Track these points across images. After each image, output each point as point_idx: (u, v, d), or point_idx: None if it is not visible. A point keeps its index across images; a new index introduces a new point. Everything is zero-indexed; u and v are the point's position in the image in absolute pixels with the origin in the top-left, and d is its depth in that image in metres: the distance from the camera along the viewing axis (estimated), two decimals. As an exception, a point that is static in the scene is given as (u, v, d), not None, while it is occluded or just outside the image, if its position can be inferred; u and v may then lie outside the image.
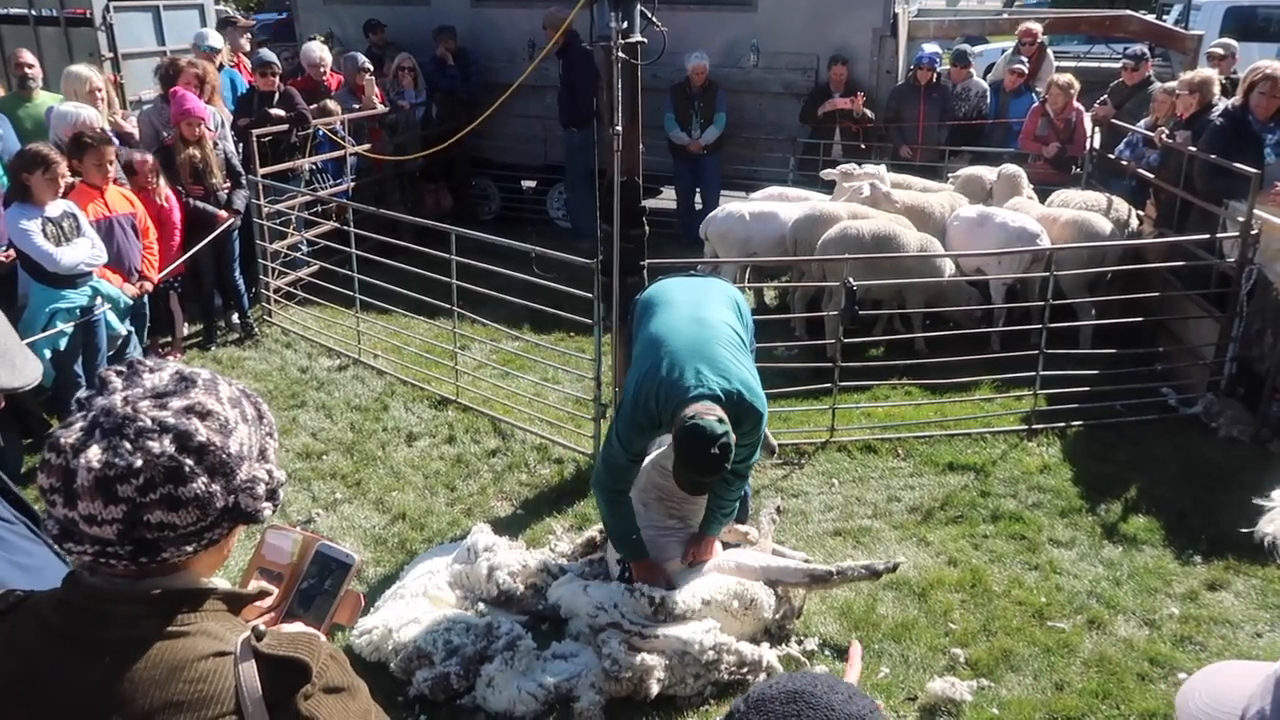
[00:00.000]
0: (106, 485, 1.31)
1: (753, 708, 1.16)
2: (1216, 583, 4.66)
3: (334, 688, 1.41)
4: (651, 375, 3.79)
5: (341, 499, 5.43)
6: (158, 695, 1.31)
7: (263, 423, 1.49)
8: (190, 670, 1.33)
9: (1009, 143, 9.48)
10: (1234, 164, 6.13)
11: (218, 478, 1.37)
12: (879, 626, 4.35)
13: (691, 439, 3.54)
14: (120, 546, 1.33)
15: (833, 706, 1.13)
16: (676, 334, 3.90)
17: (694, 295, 4.19)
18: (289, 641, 1.41)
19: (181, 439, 1.34)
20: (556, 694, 3.88)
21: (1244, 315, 6.10)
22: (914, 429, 6.14)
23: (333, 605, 1.60)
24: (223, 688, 1.33)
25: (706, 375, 3.73)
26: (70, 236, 5.77)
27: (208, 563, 1.46)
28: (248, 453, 1.42)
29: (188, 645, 1.35)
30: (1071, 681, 4.03)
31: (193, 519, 1.36)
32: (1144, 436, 6.04)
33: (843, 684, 1.18)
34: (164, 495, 1.33)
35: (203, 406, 1.38)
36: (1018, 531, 5.08)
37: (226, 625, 1.41)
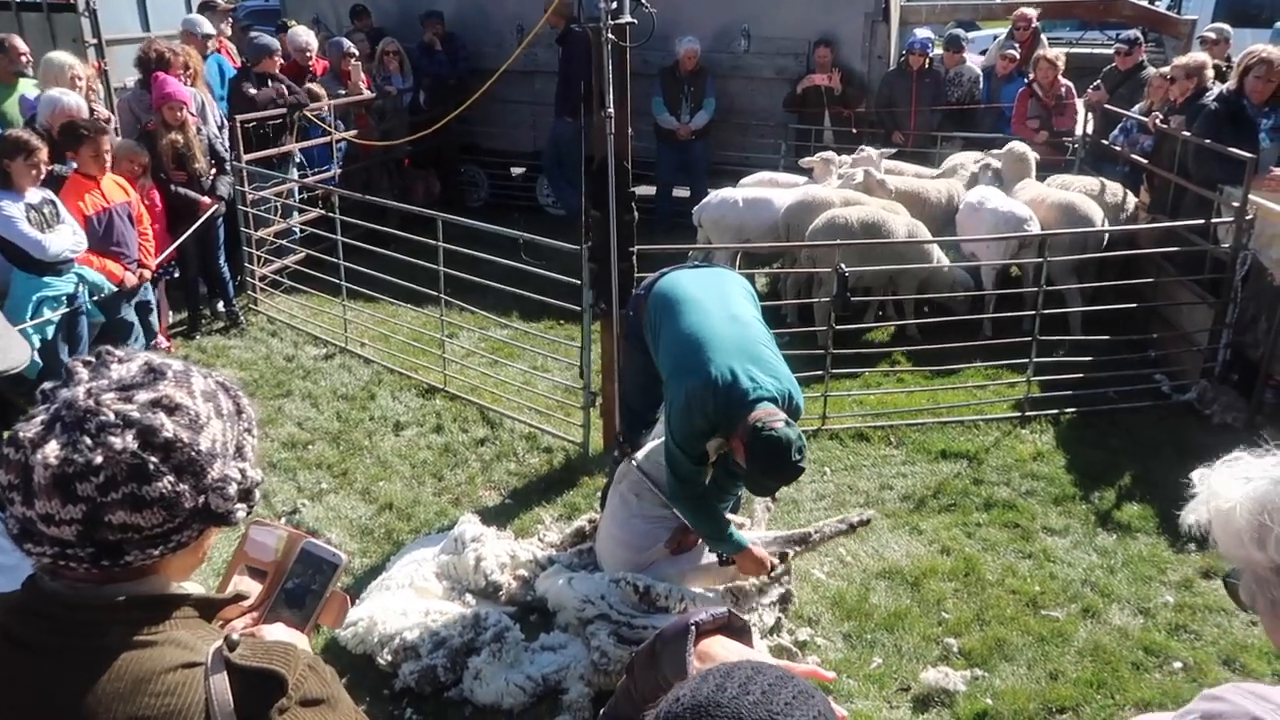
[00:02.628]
0: (64, 483, 1.23)
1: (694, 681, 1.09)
2: (1211, 570, 4.62)
3: (312, 700, 1.33)
4: (702, 381, 3.62)
5: (327, 489, 5.36)
6: (121, 710, 1.23)
7: (241, 418, 1.40)
8: (157, 683, 1.25)
9: (1001, 128, 9.42)
10: (1229, 149, 6.08)
11: (186, 476, 1.28)
12: (872, 616, 4.31)
13: (771, 451, 3.43)
14: (80, 549, 1.25)
15: (740, 713, 1.03)
16: (717, 335, 3.74)
17: (717, 290, 4.01)
18: (263, 652, 1.33)
19: (146, 435, 1.26)
20: (545, 686, 3.82)
21: (1238, 301, 6.06)
22: (906, 416, 6.09)
23: (318, 606, 1.52)
24: (191, 702, 1.25)
25: (760, 377, 3.61)
26: (52, 224, 5.67)
27: (180, 566, 1.38)
28: (221, 450, 1.33)
29: (155, 656, 1.27)
30: (1066, 671, 3.99)
31: (158, 520, 1.27)
32: (1138, 423, 6.00)
33: (765, 678, 1.07)
34: (126, 495, 1.24)
35: (170, 400, 1.29)
36: (1011, 520, 5.04)
37: (198, 634, 1.33)
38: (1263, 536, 1.17)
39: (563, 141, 9.67)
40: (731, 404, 3.56)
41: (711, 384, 3.59)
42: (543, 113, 10.25)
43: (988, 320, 6.99)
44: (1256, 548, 1.17)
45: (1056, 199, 7.13)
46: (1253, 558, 1.18)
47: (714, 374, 3.60)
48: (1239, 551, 1.20)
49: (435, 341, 6.81)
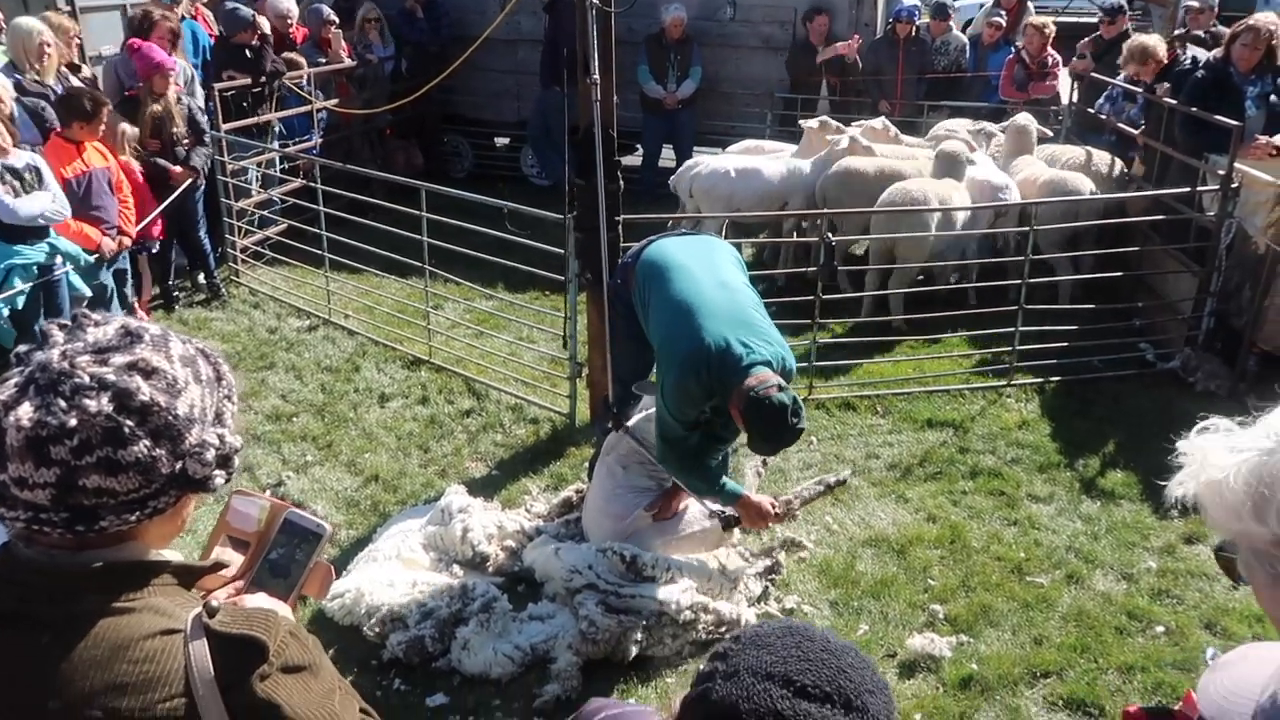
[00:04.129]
0: (38, 446, 1.20)
1: (750, 643, 1.13)
2: (1194, 536, 4.66)
3: (294, 667, 1.31)
4: (696, 348, 3.62)
5: (312, 461, 5.32)
6: (99, 677, 1.22)
7: (220, 384, 1.38)
8: (135, 650, 1.24)
9: (988, 97, 9.40)
10: (1215, 117, 6.07)
11: (162, 441, 1.26)
12: (858, 584, 4.33)
13: (767, 416, 3.44)
14: (54, 513, 1.23)
15: (828, 639, 1.14)
16: (708, 301, 3.73)
17: (705, 258, 3.99)
18: (244, 619, 1.31)
19: (121, 397, 1.23)
20: (533, 655, 3.83)
21: (1222, 269, 6.08)
22: (892, 386, 6.09)
23: (302, 576, 1.50)
24: (171, 669, 1.24)
25: (753, 343, 3.61)
26: (32, 188, 5.57)
27: (159, 533, 1.36)
28: (199, 415, 1.31)
29: (133, 623, 1.26)
30: (1050, 636, 4.02)
31: (134, 485, 1.25)
32: (1122, 392, 6.03)
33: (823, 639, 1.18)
34: (101, 459, 1.22)
35: (147, 364, 1.27)
36: (996, 487, 5.06)
37: (177, 601, 1.31)
38: (1262, 509, 1.13)
39: (550, 111, 9.55)
40: (726, 370, 3.56)
41: (705, 351, 3.59)
42: (527, 82, 10.13)
43: (972, 289, 7.00)
44: (1255, 521, 1.14)
45: (1048, 178, 7.07)
46: (1251, 531, 1.15)
47: (707, 341, 3.60)
48: (1235, 525, 1.17)
49: (420, 313, 6.75)
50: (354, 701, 1.43)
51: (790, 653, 1.11)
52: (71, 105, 6.02)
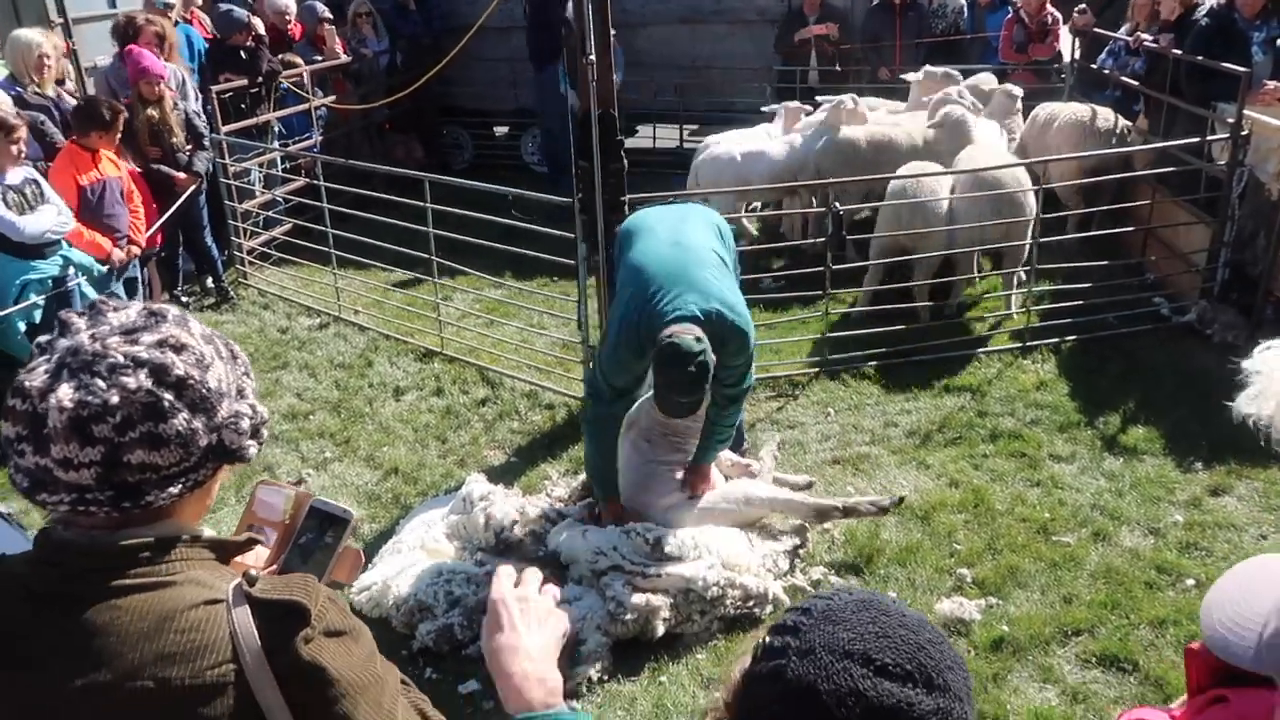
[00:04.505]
0: (81, 425, 1.21)
1: (823, 617, 1.09)
2: (1219, 488, 4.63)
3: (335, 631, 1.32)
4: (633, 303, 3.73)
5: (331, 457, 5.33)
6: (148, 648, 1.23)
7: (237, 362, 1.40)
8: (180, 620, 1.25)
9: (988, 59, 9.30)
10: (1221, 64, 5.99)
11: (199, 413, 1.29)
12: (883, 552, 4.31)
13: (668, 358, 3.51)
14: (100, 492, 1.25)
15: (904, 612, 1.10)
16: (656, 259, 3.85)
17: (674, 222, 4.11)
18: (284, 585, 1.33)
19: (158, 373, 1.25)
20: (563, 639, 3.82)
21: (1235, 219, 6.02)
22: (908, 353, 6.05)
23: (331, 560, 1.51)
24: (217, 636, 1.26)
25: (685, 297, 3.67)
26: (34, 204, 5.57)
27: (193, 510, 1.38)
28: (227, 389, 1.34)
29: (176, 595, 1.27)
30: (1079, 594, 4.00)
31: (175, 458, 1.27)
32: (1138, 348, 5.98)
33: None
34: (144, 433, 1.24)
35: (177, 340, 1.29)
36: (1017, 449, 5.04)
37: (216, 574, 1.33)
38: None
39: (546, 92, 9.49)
40: (651, 322, 3.64)
41: (638, 303, 3.70)
42: (523, 69, 10.08)
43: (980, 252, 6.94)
44: None
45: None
46: None
47: (644, 295, 3.70)
48: None
49: (430, 305, 6.75)
50: (394, 668, 1.44)
51: (867, 629, 1.07)
52: (91, 114, 6.05)
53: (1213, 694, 1.18)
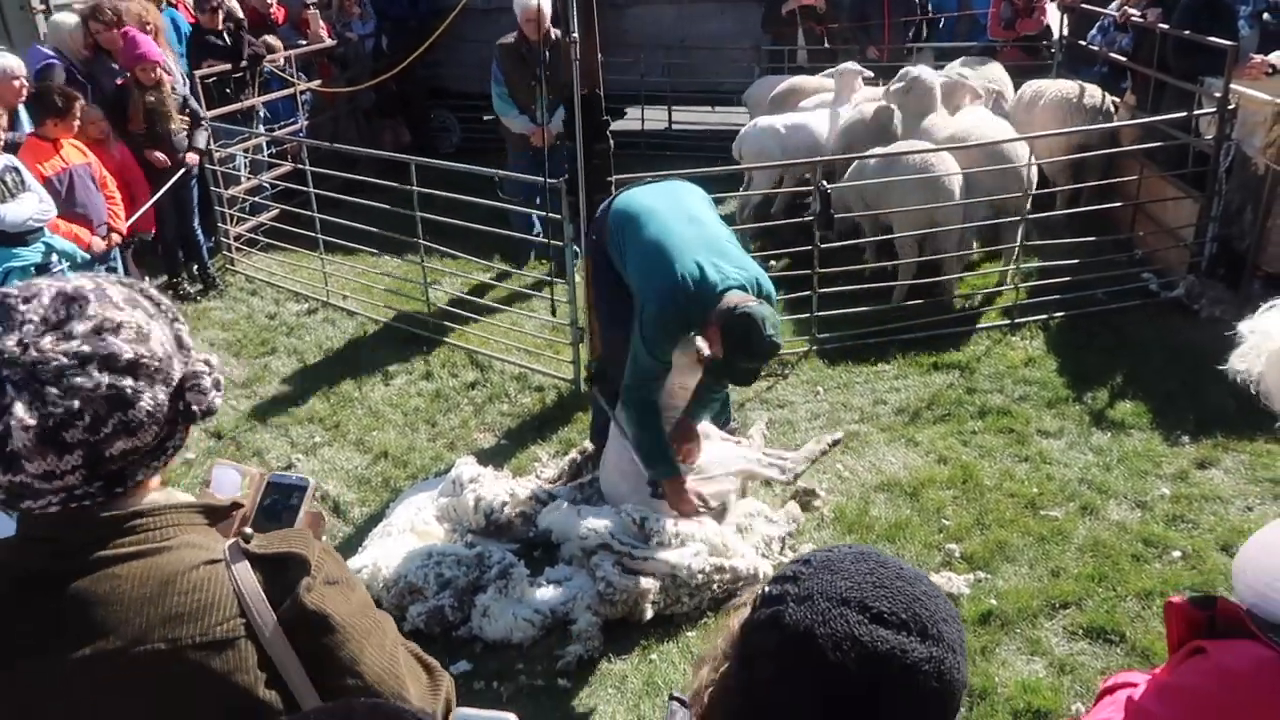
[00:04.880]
0: (51, 437, 1.17)
1: (822, 566, 1.11)
2: (1205, 461, 4.65)
3: (333, 580, 1.34)
4: (672, 281, 3.72)
5: (321, 442, 5.32)
6: (153, 612, 1.23)
7: (163, 309, 1.34)
8: (182, 582, 1.26)
9: (976, 36, 9.27)
10: (1208, 38, 5.98)
11: (158, 385, 1.26)
12: (873, 529, 4.33)
13: (747, 327, 3.52)
14: (88, 485, 1.24)
15: (901, 566, 1.12)
16: (679, 236, 3.84)
17: (674, 199, 4.11)
18: (279, 539, 1.35)
19: (108, 363, 1.20)
20: (553, 618, 3.84)
21: (1223, 193, 6.02)
22: (896, 331, 6.06)
23: (295, 520, 1.52)
24: (221, 594, 1.27)
25: (725, 268, 3.72)
26: (14, 192, 5.53)
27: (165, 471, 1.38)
28: (170, 349, 1.30)
29: (174, 558, 1.27)
30: (1067, 567, 4.02)
31: (153, 435, 1.27)
32: (1126, 323, 6.00)
33: None
34: (117, 425, 1.22)
35: (110, 321, 1.23)
36: (1006, 425, 5.05)
37: (208, 536, 1.34)
38: None
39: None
40: (703, 295, 3.66)
41: (682, 280, 3.69)
42: (509, 50, 10.02)
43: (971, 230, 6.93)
44: None
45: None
46: None
47: (680, 271, 3.70)
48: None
49: (418, 289, 6.73)
50: (390, 618, 1.46)
51: (865, 579, 1.09)
52: (43, 102, 5.96)
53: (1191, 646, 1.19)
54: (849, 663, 1.01)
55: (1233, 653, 1.15)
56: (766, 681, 1.06)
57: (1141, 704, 1.24)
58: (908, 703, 1.02)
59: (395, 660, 1.38)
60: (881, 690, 1.02)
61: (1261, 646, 1.14)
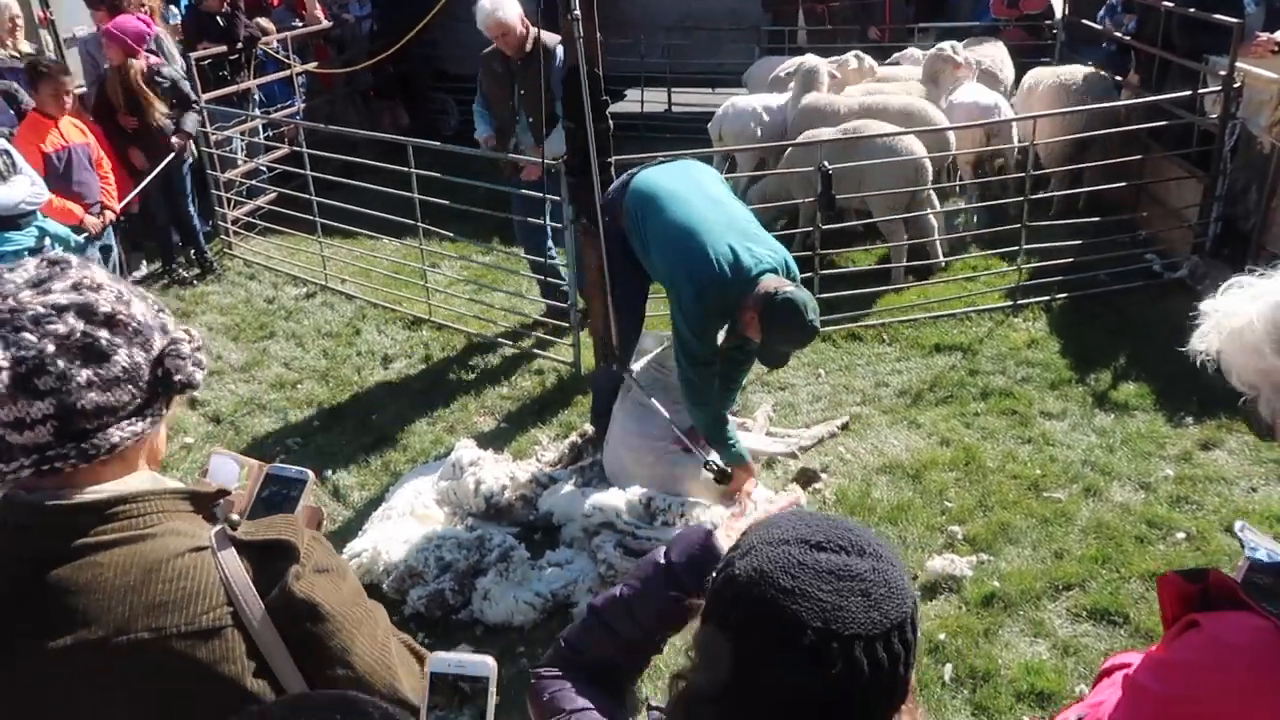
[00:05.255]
0: (24, 382, 1.17)
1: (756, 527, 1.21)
2: (1209, 442, 4.63)
3: (323, 568, 1.32)
4: (707, 265, 3.71)
5: (320, 426, 5.30)
6: (137, 600, 1.21)
7: (148, 301, 1.35)
8: (167, 569, 1.23)
9: (979, 15, 9.20)
10: (1213, 16, 5.92)
11: (136, 346, 1.25)
12: (875, 510, 4.31)
13: (788, 313, 3.55)
14: (61, 446, 1.21)
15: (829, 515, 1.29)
16: (706, 219, 3.82)
17: (690, 180, 4.08)
18: (267, 526, 1.32)
19: (85, 313, 1.21)
20: (554, 601, 3.83)
21: (1228, 173, 5.97)
22: (898, 313, 6.02)
23: (296, 514, 1.50)
24: (207, 582, 1.24)
25: (758, 251, 3.74)
26: (7, 175, 5.48)
27: (150, 458, 1.36)
28: (153, 322, 1.30)
29: (158, 546, 1.25)
30: (1070, 549, 4.00)
31: (129, 396, 1.24)
32: (1129, 304, 5.96)
33: None
34: (91, 377, 1.20)
35: (91, 280, 1.25)
36: (1008, 407, 5.02)
37: (194, 523, 1.31)
38: None
39: None
40: (740, 280, 3.67)
41: (717, 264, 3.69)
42: (508, 32, 9.94)
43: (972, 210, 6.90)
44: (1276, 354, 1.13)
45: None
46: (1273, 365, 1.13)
47: (715, 256, 3.70)
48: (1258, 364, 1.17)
49: (417, 272, 6.69)
50: (381, 607, 1.44)
51: (797, 522, 1.18)
52: (32, 73, 5.97)
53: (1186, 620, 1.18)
54: (804, 584, 1.09)
55: (1227, 624, 1.15)
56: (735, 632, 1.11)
57: (1137, 680, 1.23)
58: (867, 606, 1.08)
59: (387, 650, 1.36)
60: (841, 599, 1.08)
61: (1256, 617, 1.13)
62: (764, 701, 1.10)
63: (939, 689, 3.39)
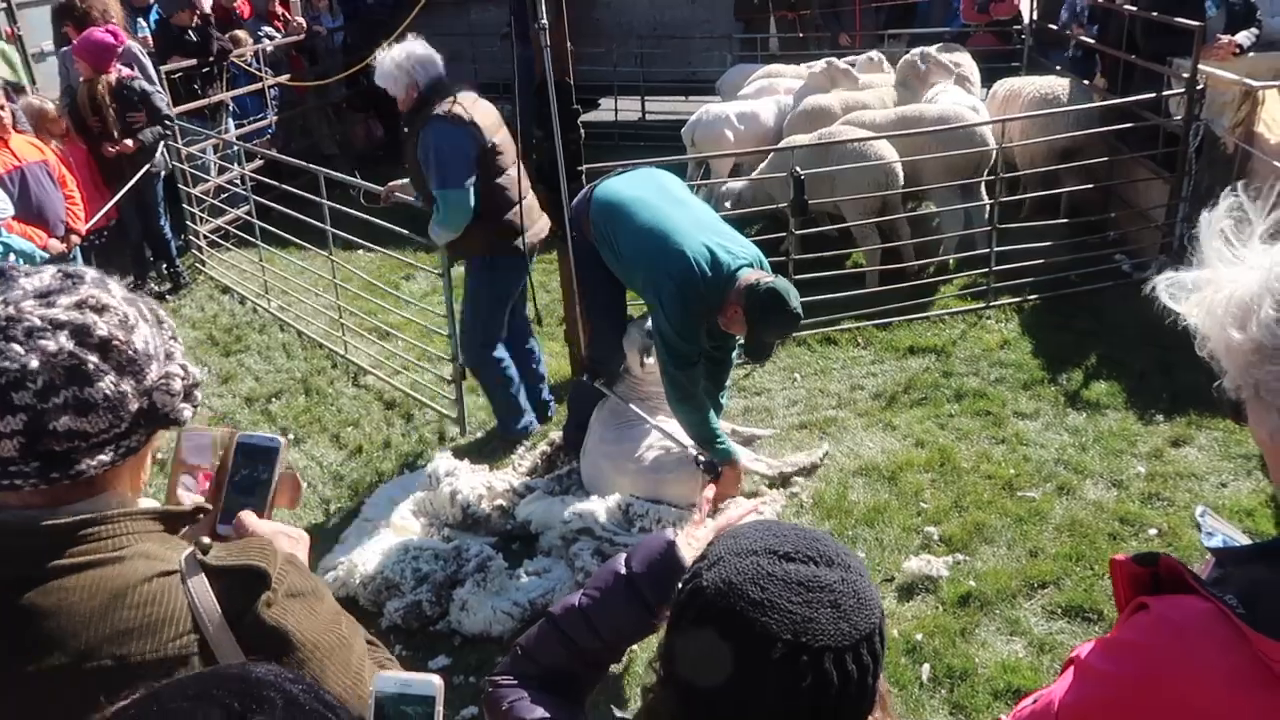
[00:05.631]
0: (1, 394, 1.15)
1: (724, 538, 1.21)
2: (1180, 439, 4.68)
3: (297, 592, 1.29)
4: (685, 264, 3.73)
5: (295, 439, 5.26)
6: (101, 627, 1.18)
7: (163, 326, 1.33)
8: (134, 595, 1.20)
9: (949, 21, 9.30)
10: (1175, 19, 6.01)
11: (126, 376, 1.23)
12: (851, 513, 4.33)
13: (772, 304, 3.60)
14: (25, 463, 1.18)
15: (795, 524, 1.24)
16: (674, 221, 3.86)
17: (654, 185, 4.12)
18: (239, 550, 1.29)
19: (79, 334, 1.19)
20: (533, 610, 3.81)
21: (1193, 173, 6.05)
22: (872, 317, 6.06)
23: (270, 493, 1.49)
24: (175, 608, 1.21)
25: (733, 247, 3.79)
26: (-32, 189, 5.42)
27: (130, 480, 1.33)
28: (154, 351, 1.28)
29: (125, 570, 1.22)
30: (1045, 547, 4.04)
31: (105, 424, 1.21)
32: (1100, 304, 6.03)
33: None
34: (69, 399, 1.18)
35: (97, 300, 1.23)
36: (982, 408, 5.06)
37: (165, 545, 1.28)
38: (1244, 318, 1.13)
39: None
40: (719, 277, 3.71)
41: (696, 265, 3.72)
42: (483, 44, 9.98)
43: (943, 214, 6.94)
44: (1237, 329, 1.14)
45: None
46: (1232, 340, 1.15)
47: (692, 256, 3.73)
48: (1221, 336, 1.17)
49: (393, 283, 6.66)
50: (360, 629, 1.42)
51: (765, 533, 1.17)
52: None
53: (1136, 603, 1.21)
54: (772, 596, 1.09)
55: (1173, 606, 1.17)
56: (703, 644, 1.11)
57: (1088, 662, 1.26)
58: (836, 617, 1.08)
59: (360, 679, 1.33)
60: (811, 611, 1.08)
61: (1200, 600, 1.15)
62: (732, 714, 1.10)
63: (917, 689, 3.40)
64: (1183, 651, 1.12)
